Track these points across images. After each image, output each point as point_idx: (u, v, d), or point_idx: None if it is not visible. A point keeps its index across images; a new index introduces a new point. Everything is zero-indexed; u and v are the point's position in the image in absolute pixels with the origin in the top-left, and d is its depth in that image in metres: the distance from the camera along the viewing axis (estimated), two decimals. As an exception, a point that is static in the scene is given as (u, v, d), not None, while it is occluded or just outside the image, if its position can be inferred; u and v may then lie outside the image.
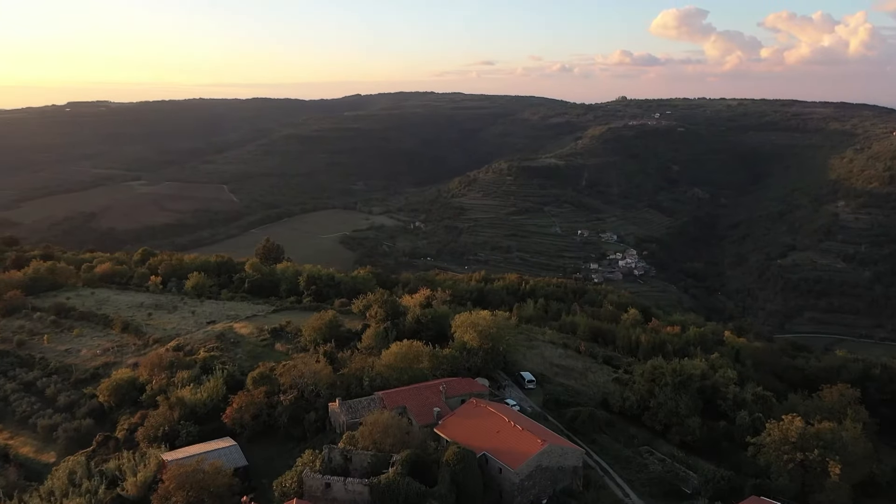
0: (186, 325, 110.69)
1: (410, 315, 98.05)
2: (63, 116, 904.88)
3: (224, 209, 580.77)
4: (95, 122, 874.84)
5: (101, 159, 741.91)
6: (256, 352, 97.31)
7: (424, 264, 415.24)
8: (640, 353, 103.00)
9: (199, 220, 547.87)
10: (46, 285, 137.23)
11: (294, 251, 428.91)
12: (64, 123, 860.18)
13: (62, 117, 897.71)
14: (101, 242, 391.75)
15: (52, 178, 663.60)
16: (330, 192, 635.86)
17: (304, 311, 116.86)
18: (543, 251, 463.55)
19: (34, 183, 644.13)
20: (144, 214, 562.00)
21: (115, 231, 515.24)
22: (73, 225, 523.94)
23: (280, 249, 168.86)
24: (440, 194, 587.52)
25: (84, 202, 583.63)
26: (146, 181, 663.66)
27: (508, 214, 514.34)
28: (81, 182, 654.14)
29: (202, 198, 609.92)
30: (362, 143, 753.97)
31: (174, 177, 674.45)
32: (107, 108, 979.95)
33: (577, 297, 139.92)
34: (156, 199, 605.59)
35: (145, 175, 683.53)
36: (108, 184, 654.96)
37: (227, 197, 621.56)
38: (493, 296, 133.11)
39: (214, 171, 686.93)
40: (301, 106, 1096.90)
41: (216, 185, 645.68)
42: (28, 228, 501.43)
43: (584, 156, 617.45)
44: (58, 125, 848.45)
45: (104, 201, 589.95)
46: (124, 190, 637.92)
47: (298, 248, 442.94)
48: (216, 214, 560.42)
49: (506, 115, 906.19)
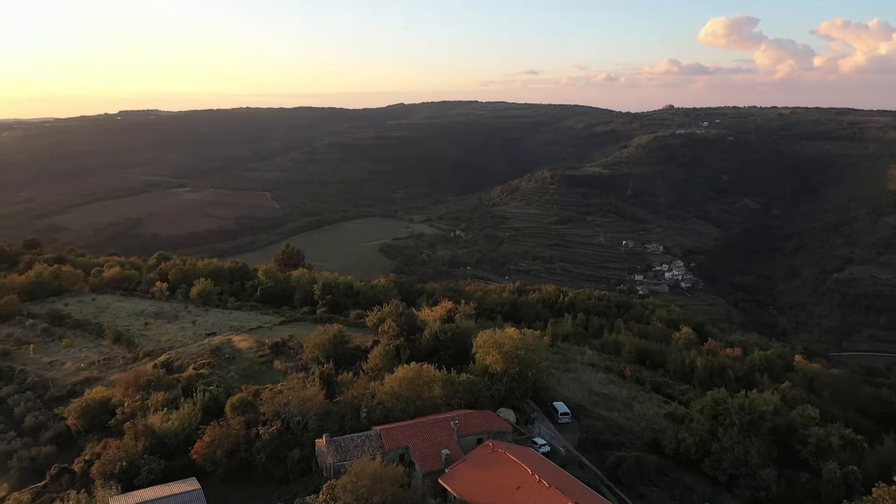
0: (183, 337, 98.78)
1: (428, 331, 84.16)
2: (114, 125, 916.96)
3: (266, 216, 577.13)
4: (145, 130, 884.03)
5: (148, 166, 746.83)
6: (252, 370, 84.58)
7: (464, 273, 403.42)
8: (696, 380, 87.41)
9: (242, 227, 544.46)
10: (50, 290, 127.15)
11: (333, 259, 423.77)
12: (115, 131, 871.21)
13: (114, 125, 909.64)
14: (145, 248, 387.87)
15: (102, 185, 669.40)
16: (371, 200, 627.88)
17: (316, 322, 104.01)
18: (587, 262, 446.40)
19: (84, 189, 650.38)
20: (188, 221, 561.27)
21: (159, 237, 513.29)
22: (118, 230, 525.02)
23: (300, 256, 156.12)
24: (481, 203, 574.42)
25: (130, 208, 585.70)
26: (191, 188, 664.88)
27: (551, 224, 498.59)
28: (129, 188, 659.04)
29: (245, 205, 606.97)
30: (404, 151, 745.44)
31: (218, 184, 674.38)
32: (156, 117, 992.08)
33: (621, 311, 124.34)
34: (200, 206, 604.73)
35: (191, 182, 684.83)
36: (155, 190, 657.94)
37: (269, 204, 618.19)
38: (526, 309, 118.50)
39: (258, 179, 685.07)
40: (345, 115, 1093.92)
41: (259, 193, 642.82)
42: (75, 233, 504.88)
43: (630, 164, 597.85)
44: (109, 133, 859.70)
45: (150, 207, 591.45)
46: (169, 196, 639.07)
47: (337, 256, 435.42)
48: (258, 221, 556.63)
49: (549, 123, 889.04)
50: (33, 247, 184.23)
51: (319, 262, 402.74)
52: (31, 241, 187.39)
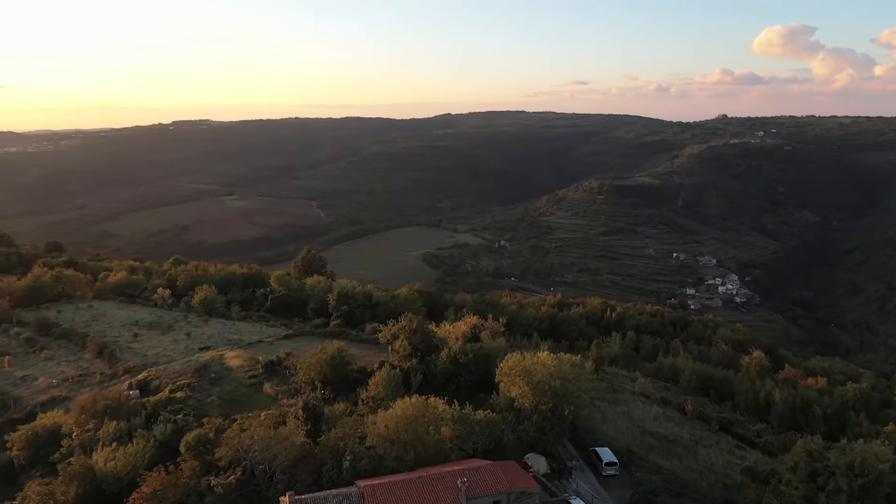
0: (173, 351, 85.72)
1: (446, 352, 69.16)
2: (168, 134, 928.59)
3: (311, 224, 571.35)
4: (197, 139, 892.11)
5: (199, 175, 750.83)
6: (237, 393, 70.79)
7: (508, 284, 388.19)
8: (774, 418, 70.62)
9: (286, 235, 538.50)
10: (50, 296, 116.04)
11: (376, 268, 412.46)
12: (168, 141, 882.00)
13: (167, 135, 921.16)
14: (190, 255, 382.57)
15: (153, 192, 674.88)
16: (415, 210, 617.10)
17: (325, 337, 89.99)
18: (635, 274, 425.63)
19: (136, 196, 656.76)
20: (234, 228, 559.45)
21: (205, 244, 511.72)
22: (166, 237, 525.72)
23: (322, 262, 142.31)
24: (527, 213, 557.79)
25: (179, 215, 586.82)
26: (239, 196, 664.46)
27: (598, 235, 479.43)
28: (179, 196, 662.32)
29: (290, 213, 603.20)
30: (450, 160, 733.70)
31: (265, 192, 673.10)
32: (207, 127, 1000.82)
33: (677, 330, 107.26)
34: (246, 214, 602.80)
35: (238, 190, 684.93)
36: (204, 198, 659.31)
37: (314, 213, 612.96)
38: (568, 326, 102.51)
39: (304, 187, 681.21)
40: (392, 125, 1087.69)
41: (305, 201, 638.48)
42: (124, 239, 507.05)
43: (681, 175, 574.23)
44: (162, 142, 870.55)
45: (197, 215, 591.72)
46: (217, 204, 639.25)
47: (380, 265, 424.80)
48: (302, 230, 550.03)
49: (598, 133, 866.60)
50: (54, 250, 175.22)
51: (362, 270, 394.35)
52: (53, 245, 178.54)
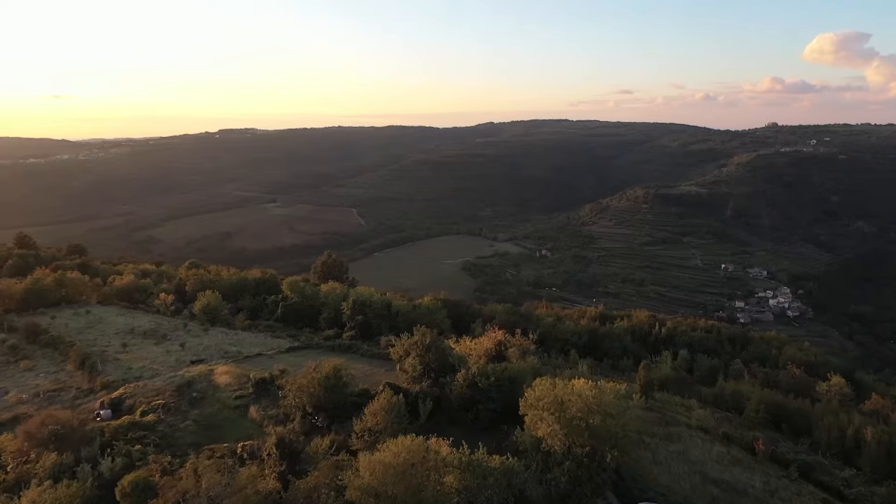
0: (161, 364, 75.26)
1: (463, 374, 57.01)
2: (214, 142, 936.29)
3: (351, 232, 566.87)
4: (242, 147, 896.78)
5: (242, 182, 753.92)
6: (218, 418, 59.67)
7: (549, 294, 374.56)
8: (865, 462, 56.84)
9: (326, 242, 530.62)
10: (53, 300, 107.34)
11: (414, 276, 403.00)
12: (214, 149, 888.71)
13: (213, 143, 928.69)
14: (231, 261, 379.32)
15: (197, 199, 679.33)
16: (456, 218, 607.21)
17: (333, 351, 78.79)
18: (681, 285, 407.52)
19: (181, 203, 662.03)
20: (275, 235, 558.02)
21: (246, 250, 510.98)
22: (208, 243, 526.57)
23: (343, 267, 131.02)
24: (569, 222, 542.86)
25: (222, 222, 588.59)
26: (281, 203, 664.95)
27: (643, 244, 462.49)
28: (223, 203, 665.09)
29: (331, 220, 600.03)
30: (491, 169, 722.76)
31: (307, 199, 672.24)
32: (252, 135, 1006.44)
33: (737, 348, 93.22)
34: (287, 221, 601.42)
35: (281, 197, 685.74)
36: (247, 205, 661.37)
37: (355, 220, 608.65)
38: (610, 341, 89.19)
39: (345, 195, 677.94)
40: (434, 133, 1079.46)
41: (345, 209, 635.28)
42: (168, 245, 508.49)
43: (730, 184, 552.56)
44: (208, 150, 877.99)
45: (240, 222, 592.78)
46: (259, 211, 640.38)
47: (419, 273, 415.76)
48: (342, 237, 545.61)
49: (643, 142, 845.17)
50: (76, 253, 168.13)
51: (401, 279, 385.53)
52: (75, 247, 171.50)
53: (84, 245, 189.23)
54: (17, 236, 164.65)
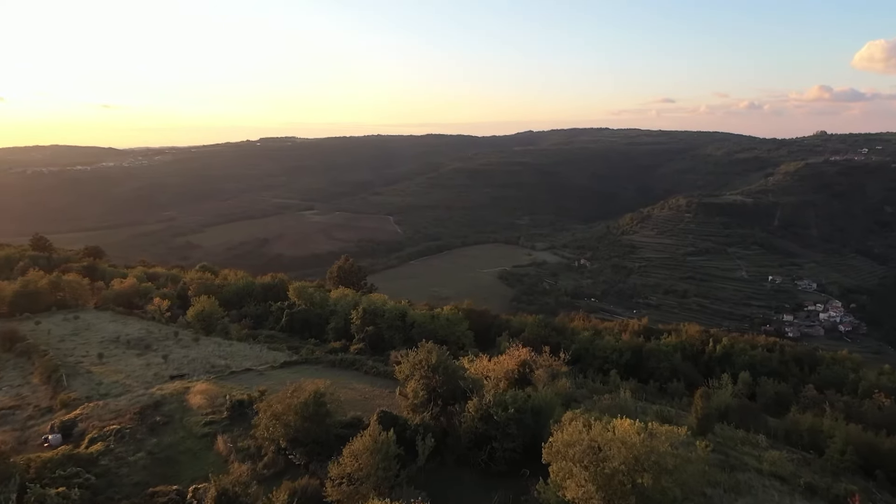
0: (136, 379, 65.15)
1: (474, 403, 45.40)
2: (254, 150, 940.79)
3: (387, 239, 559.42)
4: (281, 155, 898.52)
5: (281, 189, 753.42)
6: (179, 449, 48.98)
7: (587, 305, 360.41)
8: None
9: (362, 250, 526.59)
10: (47, 304, 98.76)
11: (450, 284, 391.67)
12: (254, 156, 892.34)
13: (253, 151, 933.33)
14: (268, 267, 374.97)
15: (237, 206, 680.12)
16: (493, 226, 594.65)
17: (333, 366, 67.80)
18: (726, 297, 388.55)
19: (221, 210, 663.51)
20: (311, 242, 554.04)
21: (283, 257, 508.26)
22: (245, 249, 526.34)
23: (361, 272, 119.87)
24: (609, 231, 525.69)
25: (260, 229, 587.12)
26: (318, 211, 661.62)
27: (686, 255, 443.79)
28: (261, 210, 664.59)
29: (368, 227, 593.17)
30: (530, 177, 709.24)
31: (344, 207, 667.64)
32: (292, 143, 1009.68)
33: (804, 371, 79.53)
34: (324, 228, 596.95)
35: (318, 205, 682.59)
36: (285, 212, 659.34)
37: (391, 228, 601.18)
38: (657, 360, 76.41)
39: (382, 203, 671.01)
40: (473, 142, 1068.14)
41: (382, 216, 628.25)
42: (206, 251, 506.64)
43: (777, 193, 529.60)
44: (249, 158, 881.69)
45: (278, 228, 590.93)
46: (297, 218, 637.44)
47: (455, 282, 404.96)
48: (378, 245, 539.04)
49: (686, 150, 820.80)
50: (93, 255, 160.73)
51: (436, 287, 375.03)
52: (92, 249, 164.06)
53: (127, 249, 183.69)
54: (33, 237, 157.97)
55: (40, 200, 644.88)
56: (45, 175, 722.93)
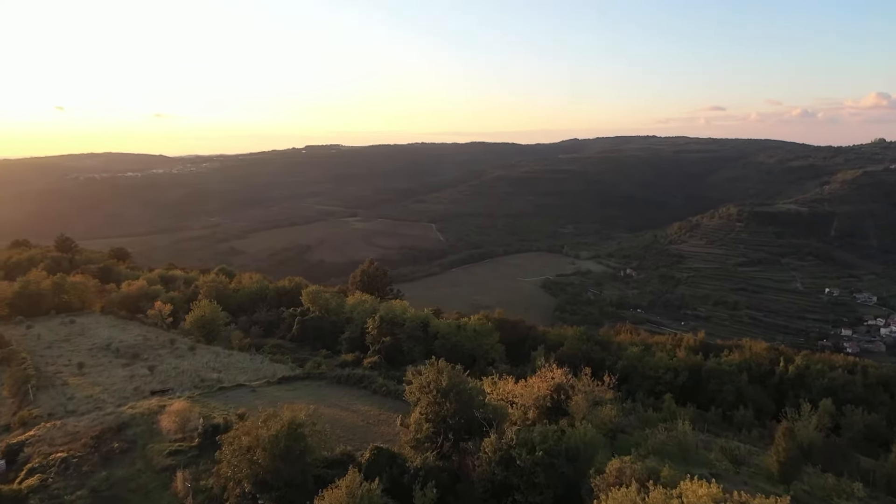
0: (111, 394, 56.43)
1: (492, 442, 35.13)
2: (300, 158, 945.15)
3: (429, 247, 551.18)
4: (326, 163, 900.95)
5: (325, 196, 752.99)
6: (128, 486, 39.65)
7: (633, 316, 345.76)
8: None
9: (404, 257, 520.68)
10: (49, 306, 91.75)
11: (492, 293, 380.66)
12: (300, 164, 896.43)
13: (299, 159, 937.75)
14: (309, 273, 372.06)
15: (281, 212, 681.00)
16: (536, 235, 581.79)
17: (339, 384, 58.11)
18: (779, 310, 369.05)
19: (266, 216, 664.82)
20: (353, 249, 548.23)
21: (325, 263, 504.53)
22: (288, 256, 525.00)
23: (387, 277, 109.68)
24: (656, 240, 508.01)
25: (303, 235, 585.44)
26: (361, 218, 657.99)
27: (737, 265, 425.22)
28: (305, 217, 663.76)
29: (410, 235, 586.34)
30: (574, 185, 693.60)
31: (387, 214, 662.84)
32: (337, 151, 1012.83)
33: (893, 395, 66.92)
34: (366, 235, 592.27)
35: (361, 212, 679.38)
36: (328, 219, 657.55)
37: (433, 235, 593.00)
38: (718, 382, 64.78)
39: (425, 210, 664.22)
40: (516, 150, 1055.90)
41: (425, 224, 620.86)
42: (250, 257, 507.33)
43: (833, 202, 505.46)
44: (295, 166, 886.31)
45: (320, 235, 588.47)
46: (340, 225, 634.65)
47: (497, 290, 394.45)
48: (420, 252, 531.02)
49: (736, 158, 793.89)
50: (117, 257, 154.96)
51: (477, 295, 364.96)
52: (117, 251, 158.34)
53: (172, 254, 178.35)
54: (58, 238, 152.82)
55: (92, 205, 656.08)
56: (97, 181, 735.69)
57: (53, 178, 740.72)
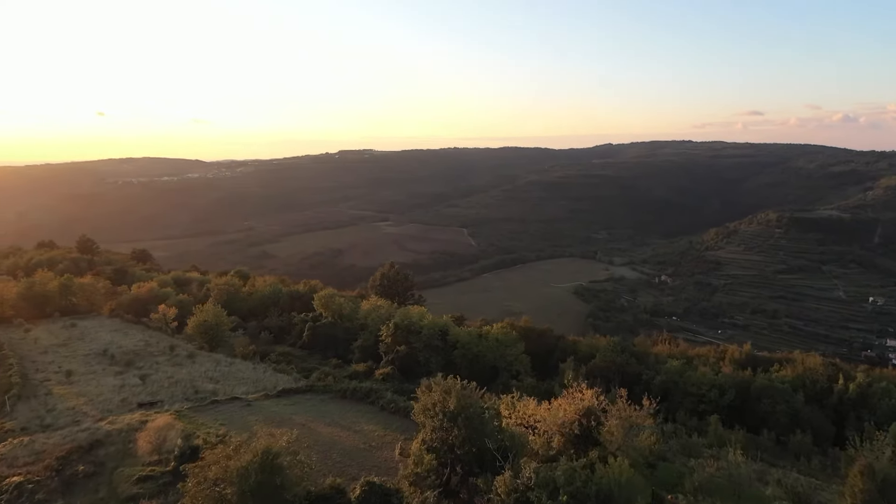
0: (95, 405, 51.01)
1: (506, 480, 28.83)
2: (333, 163, 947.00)
3: (460, 252, 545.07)
4: (359, 168, 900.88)
5: (358, 201, 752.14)
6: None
7: (668, 324, 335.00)
8: None
9: (435, 262, 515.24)
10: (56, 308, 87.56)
11: (524, 299, 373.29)
12: (333, 169, 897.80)
13: (332, 164, 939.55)
14: (340, 277, 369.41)
15: (314, 217, 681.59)
16: (569, 240, 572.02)
17: (344, 398, 52.07)
18: (821, 319, 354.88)
19: (298, 220, 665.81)
20: (384, 253, 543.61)
21: (355, 267, 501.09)
22: (319, 260, 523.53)
23: (409, 282, 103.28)
24: (692, 246, 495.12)
25: (335, 239, 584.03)
26: (393, 222, 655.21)
27: (776, 273, 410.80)
28: (337, 221, 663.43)
29: (441, 240, 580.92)
30: (608, 190, 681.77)
31: (418, 219, 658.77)
32: (370, 156, 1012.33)
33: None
34: (397, 240, 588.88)
35: (393, 217, 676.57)
36: (360, 224, 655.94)
37: (465, 240, 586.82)
38: (771, 402, 57.29)
39: (457, 215, 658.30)
40: (550, 155, 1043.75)
41: (456, 228, 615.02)
42: (282, 261, 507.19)
43: (877, 208, 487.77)
44: (328, 170, 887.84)
45: (352, 239, 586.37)
46: (372, 230, 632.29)
47: (528, 296, 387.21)
48: (451, 257, 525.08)
49: (775, 164, 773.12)
50: (141, 259, 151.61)
51: (509, 301, 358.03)
52: (140, 253, 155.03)
53: (207, 258, 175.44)
54: (79, 240, 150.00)
55: (130, 209, 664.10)
56: (134, 185, 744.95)
57: (92, 183, 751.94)
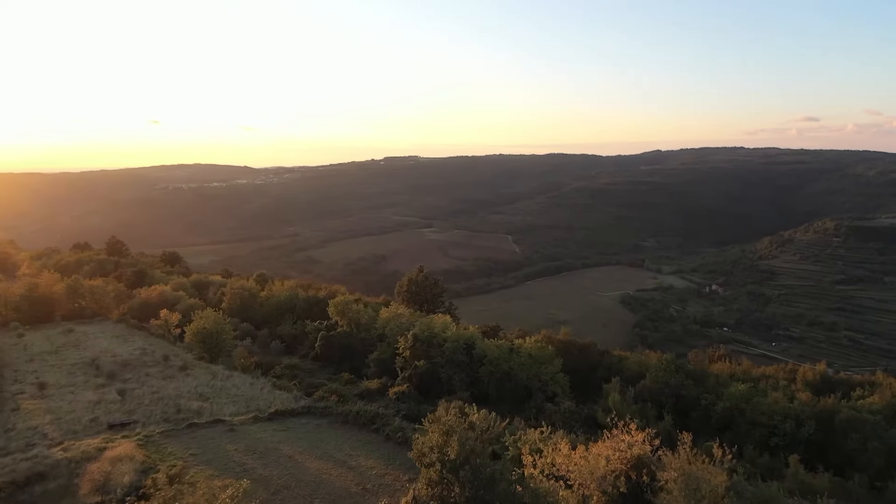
0: (58, 426, 43.98)
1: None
2: (378, 169, 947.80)
3: (504, 259, 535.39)
4: (405, 174, 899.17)
5: (402, 207, 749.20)
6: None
7: (719, 335, 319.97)
8: None
9: (479, 268, 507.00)
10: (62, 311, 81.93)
11: (568, 307, 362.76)
12: (378, 175, 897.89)
13: (377, 170, 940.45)
14: (383, 283, 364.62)
15: (359, 223, 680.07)
16: (616, 248, 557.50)
17: (346, 423, 43.96)
18: (884, 333, 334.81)
19: (343, 226, 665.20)
20: (427, 259, 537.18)
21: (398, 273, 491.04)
22: (362, 265, 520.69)
23: (439, 288, 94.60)
24: (744, 255, 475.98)
25: (379, 245, 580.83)
26: (437, 229, 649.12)
27: (834, 283, 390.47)
28: (381, 227, 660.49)
29: (485, 246, 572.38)
30: (656, 197, 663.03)
31: (463, 225, 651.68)
32: (415, 162, 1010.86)
33: None
34: (441, 246, 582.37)
35: (437, 223, 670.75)
36: (404, 230, 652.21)
37: (509, 247, 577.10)
38: (861, 437, 47.27)
39: (501, 222, 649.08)
40: (597, 161, 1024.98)
41: (500, 235, 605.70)
42: (326, 266, 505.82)
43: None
44: (373, 177, 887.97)
45: (395, 245, 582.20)
46: (416, 236, 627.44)
47: (573, 304, 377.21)
48: (495, 264, 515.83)
49: (832, 170, 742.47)
50: (170, 261, 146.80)
51: (553, 309, 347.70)
52: (170, 255, 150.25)
53: (252, 263, 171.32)
54: (109, 241, 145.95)
55: (179, 214, 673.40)
56: (184, 191, 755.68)
57: (145, 188, 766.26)
